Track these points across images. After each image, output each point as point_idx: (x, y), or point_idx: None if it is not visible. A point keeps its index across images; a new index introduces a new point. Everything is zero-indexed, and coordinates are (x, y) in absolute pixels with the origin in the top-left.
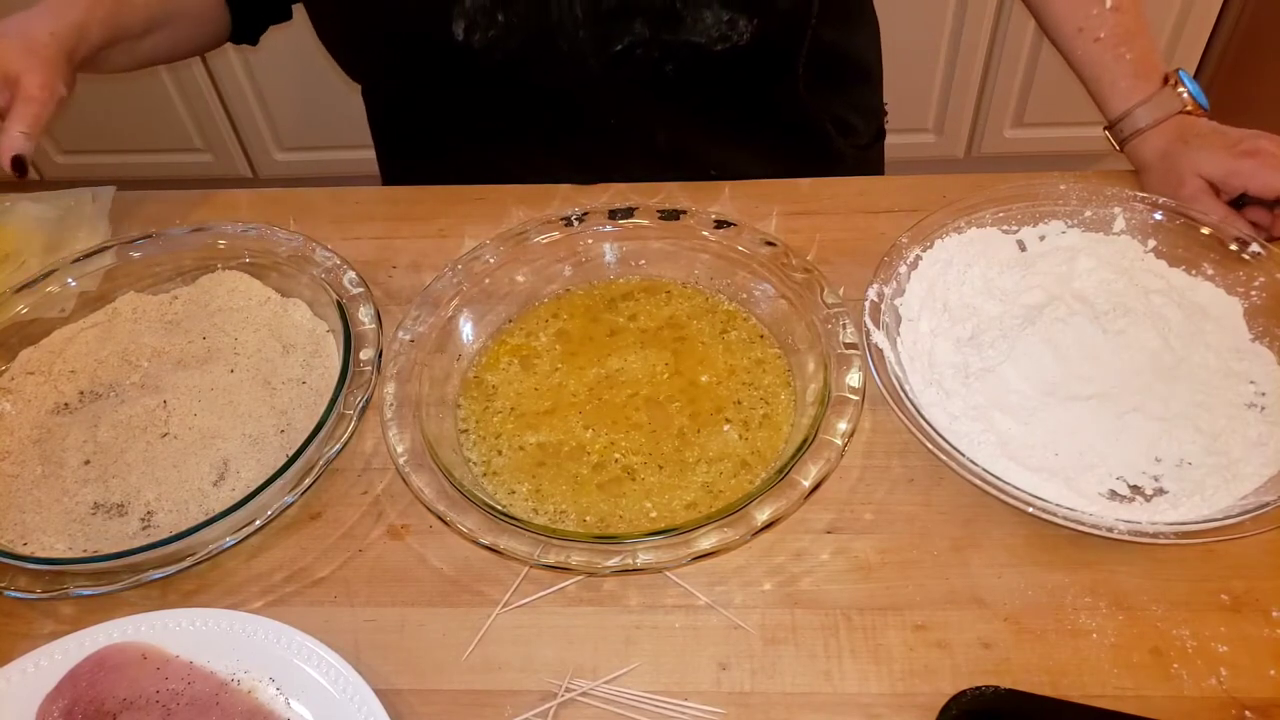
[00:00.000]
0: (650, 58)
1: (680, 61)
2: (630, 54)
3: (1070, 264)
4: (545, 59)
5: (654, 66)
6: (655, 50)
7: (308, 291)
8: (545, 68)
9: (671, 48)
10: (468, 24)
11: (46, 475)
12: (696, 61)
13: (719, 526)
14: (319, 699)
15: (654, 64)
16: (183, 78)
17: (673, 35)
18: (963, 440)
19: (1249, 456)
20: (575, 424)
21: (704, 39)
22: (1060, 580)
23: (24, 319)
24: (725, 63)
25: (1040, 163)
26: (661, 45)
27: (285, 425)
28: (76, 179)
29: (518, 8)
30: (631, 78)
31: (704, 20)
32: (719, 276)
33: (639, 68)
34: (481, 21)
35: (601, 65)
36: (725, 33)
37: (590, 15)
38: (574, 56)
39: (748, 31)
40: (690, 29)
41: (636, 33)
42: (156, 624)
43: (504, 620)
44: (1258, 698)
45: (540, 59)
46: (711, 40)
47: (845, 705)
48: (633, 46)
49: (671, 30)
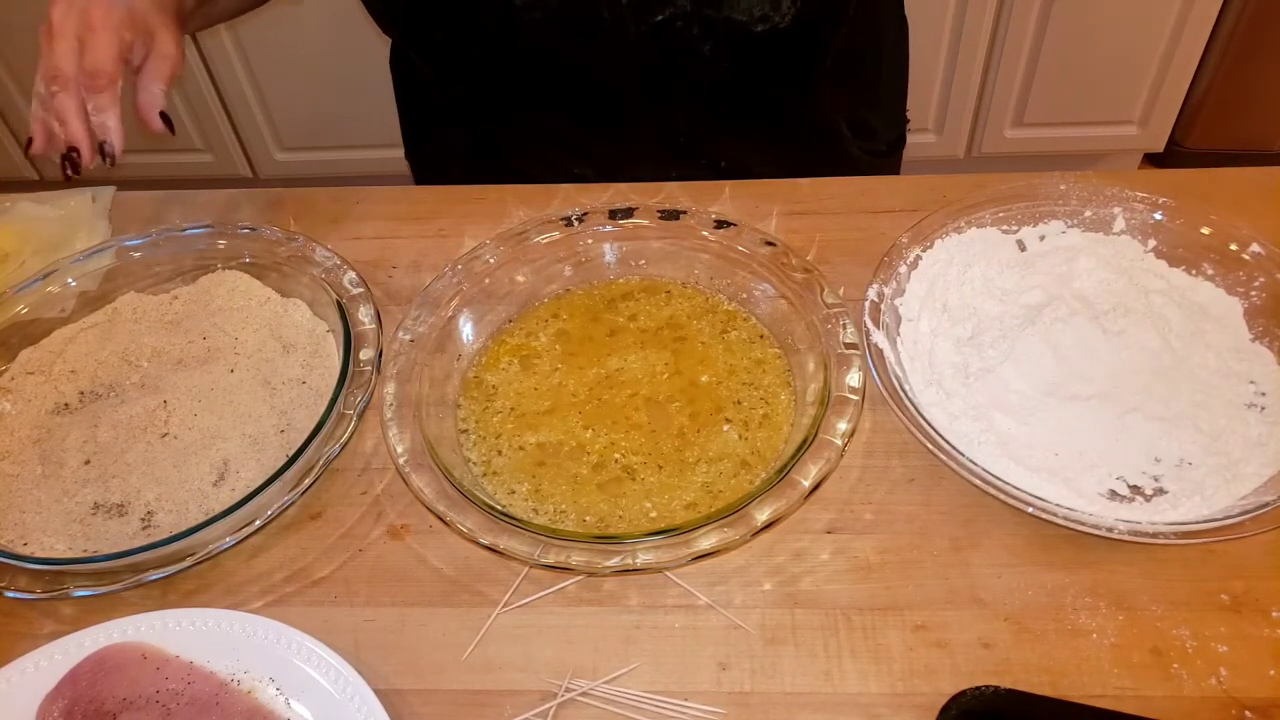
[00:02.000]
0: (689, 33)
1: (718, 40)
2: (670, 26)
3: (1070, 264)
4: (585, 23)
5: (691, 43)
6: (695, 25)
7: (308, 291)
8: (584, 33)
9: (711, 24)
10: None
11: (46, 475)
12: (733, 41)
13: (719, 526)
14: (319, 699)
15: (691, 40)
16: (183, 77)
17: (715, 11)
18: (963, 440)
19: (1249, 456)
20: (575, 424)
21: (745, 17)
22: (1060, 580)
23: (24, 319)
24: (762, 45)
25: (1040, 163)
26: (702, 21)
27: (285, 425)
28: (76, 179)
29: None
30: (667, 53)
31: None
32: (719, 276)
33: (676, 43)
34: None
35: (639, 35)
36: (767, 12)
37: None
38: (614, 23)
39: (790, 13)
40: (733, 5)
41: (679, 4)
42: (156, 624)
43: (504, 620)
44: (1258, 698)
45: (580, 22)
46: (753, 19)
47: (845, 705)
48: (673, 19)
49: (714, 5)
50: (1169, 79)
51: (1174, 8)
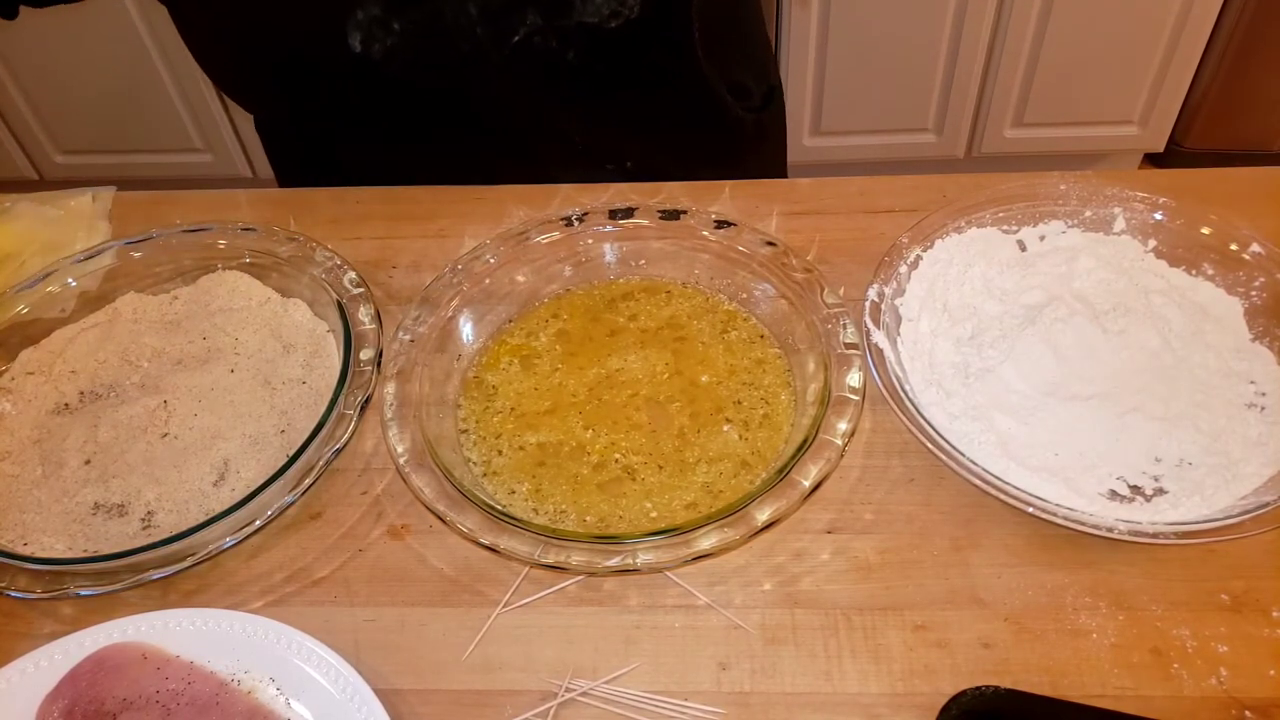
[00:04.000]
0: (548, 46)
1: (579, 46)
2: (529, 44)
3: (1070, 264)
4: (446, 61)
5: (554, 55)
6: (552, 38)
7: (308, 291)
8: (447, 70)
9: (567, 32)
10: (364, 35)
11: (47, 475)
12: (594, 43)
13: (719, 526)
14: (319, 699)
15: (553, 52)
16: (183, 78)
17: (566, 19)
18: (963, 440)
19: (1249, 456)
20: (575, 424)
21: (596, 18)
22: (1060, 580)
23: (24, 319)
24: (622, 39)
25: (1040, 163)
26: (558, 31)
27: (285, 425)
28: (76, 179)
29: (411, 14)
30: (534, 70)
31: (593, 0)
32: (719, 276)
33: (539, 58)
34: (377, 32)
35: (502, 59)
36: (615, 8)
37: (484, 12)
38: (475, 55)
39: (636, 3)
40: (581, 10)
41: (530, 22)
42: (156, 624)
43: (504, 620)
44: (1258, 698)
45: (441, 62)
46: (604, 18)
47: (845, 705)
48: (529, 36)
49: (564, 14)
50: (1169, 79)
51: (1174, 8)
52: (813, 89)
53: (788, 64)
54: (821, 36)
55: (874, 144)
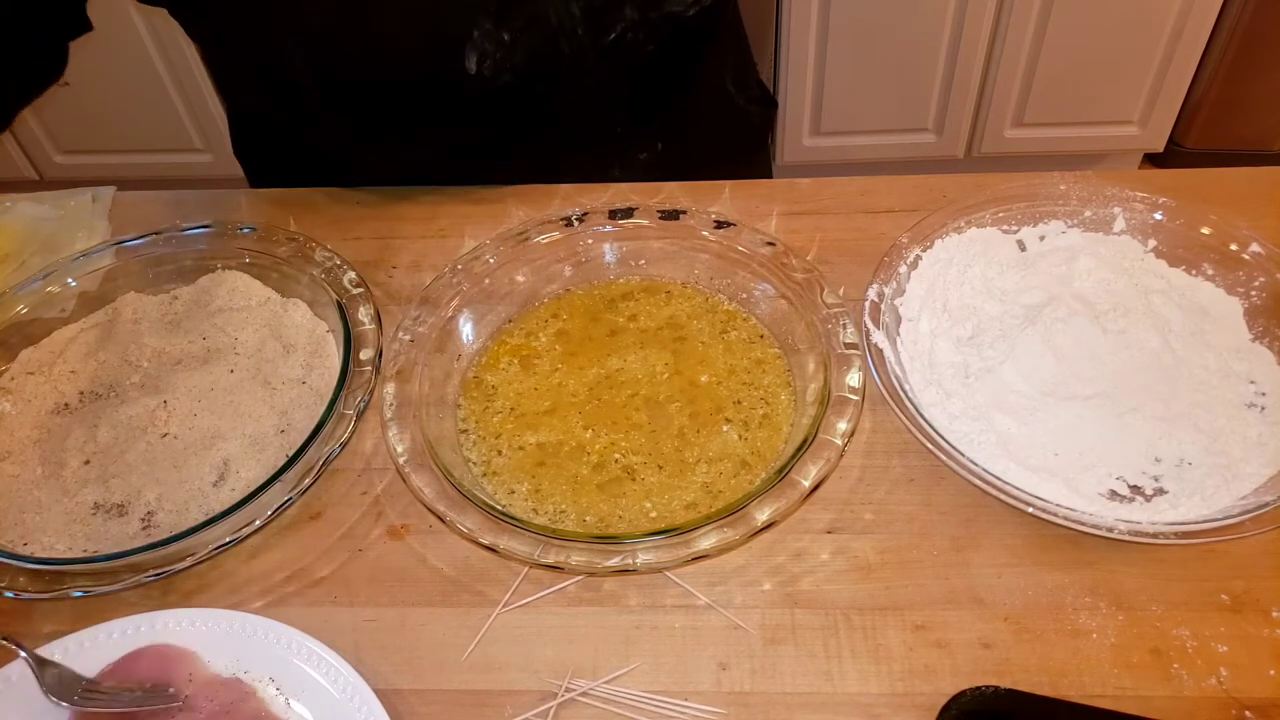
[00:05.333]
0: (637, 41)
1: (661, 38)
2: (622, 40)
3: (1070, 264)
4: (549, 64)
5: (638, 47)
6: (641, 32)
7: (308, 291)
8: (549, 74)
9: (654, 24)
10: (479, 55)
11: (47, 475)
12: (673, 33)
13: (719, 526)
14: (319, 699)
15: (638, 44)
16: (183, 77)
17: (657, 11)
18: (963, 440)
19: (1249, 456)
20: (575, 424)
21: (681, 6)
22: (1060, 580)
23: (24, 319)
24: (692, 27)
25: (1040, 163)
26: (648, 25)
27: (285, 425)
28: (76, 179)
29: (518, 21)
30: (619, 65)
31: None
32: (719, 276)
33: (626, 53)
34: (490, 48)
35: (597, 57)
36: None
37: (586, 10)
38: (575, 55)
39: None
40: (670, 0)
41: (627, 17)
42: (157, 624)
43: (504, 620)
44: (1258, 698)
45: (545, 65)
46: (687, 6)
47: (845, 705)
48: (624, 32)
49: (656, 6)
50: (1169, 79)
51: (1174, 8)
52: (813, 89)
53: (788, 64)
54: (821, 36)
55: (874, 144)
